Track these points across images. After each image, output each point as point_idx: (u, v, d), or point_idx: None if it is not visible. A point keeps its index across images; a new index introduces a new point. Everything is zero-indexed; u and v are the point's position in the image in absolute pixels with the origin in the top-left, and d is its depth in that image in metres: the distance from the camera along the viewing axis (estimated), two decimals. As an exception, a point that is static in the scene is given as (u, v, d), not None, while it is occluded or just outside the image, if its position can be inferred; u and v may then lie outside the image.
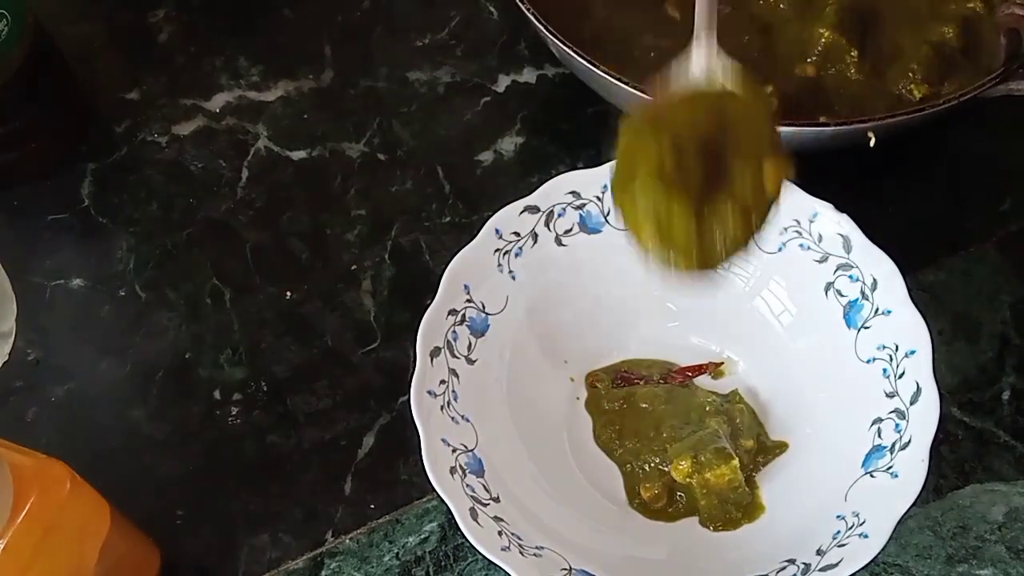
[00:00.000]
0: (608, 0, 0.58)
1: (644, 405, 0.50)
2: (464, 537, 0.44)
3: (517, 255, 0.50)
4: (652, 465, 0.49)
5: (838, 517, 0.45)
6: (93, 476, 0.41)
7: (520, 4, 0.52)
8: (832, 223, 0.49)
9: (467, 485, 0.46)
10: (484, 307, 0.50)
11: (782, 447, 0.49)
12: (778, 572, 0.44)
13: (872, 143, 0.50)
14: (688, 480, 0.47)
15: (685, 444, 0.47)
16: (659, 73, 0.41)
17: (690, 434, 0.48)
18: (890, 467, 0.45)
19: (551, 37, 0.52)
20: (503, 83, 0.61)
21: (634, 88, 0.50)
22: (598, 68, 0.50)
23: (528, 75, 0.61)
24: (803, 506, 0.47)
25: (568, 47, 0.51)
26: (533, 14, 0.52)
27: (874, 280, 0.48)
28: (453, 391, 0.48)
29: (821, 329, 0.50)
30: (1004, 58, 0.50)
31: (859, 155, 0.51)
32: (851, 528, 0.44)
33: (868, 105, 0.54)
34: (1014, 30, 0.49)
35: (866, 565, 0.43)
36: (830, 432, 0.48)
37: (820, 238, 0.49)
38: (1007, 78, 0.49)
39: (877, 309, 0.48)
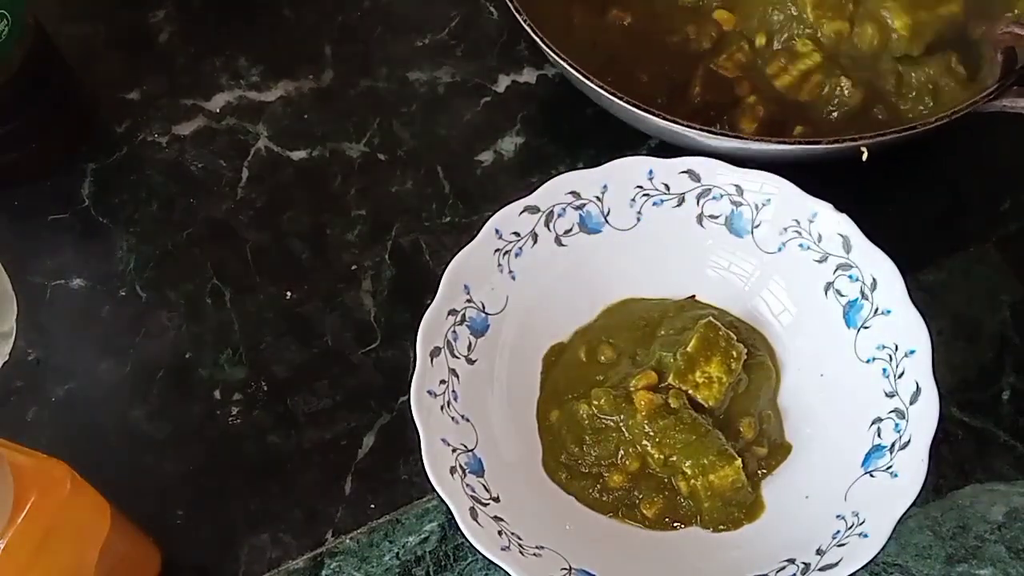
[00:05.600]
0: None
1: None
2: (464, 537, 0.44)
3: (517, 255, 0.50)
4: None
5: (838, 517, 0.45)
6: (93, 476, 0.41)
7: (517, 16, 0.52)
8: (832, 223, 0.49)
9: (467, 485, 0.46)
10: (484, 307, 0.50)
11: (786, 449, 0.49)
12: (778, 572, 0.44)
13: (864, 157, 0.50)
14: (692, 483, 0.47)
15: (686, 451, 0.47)
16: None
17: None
18: (890, 467, 0.45)
19: (543, 45, 0.52)
20: (503, 83, 0.61)
21: (613, 95, 0.50)
22: (583, 75, 0.51)
23: (528, 75, 0.61)
24: (803, 506, 0.47)
25: (556, 53, 0.51)
26: (526, 21, 0.52)
27: (874, 280, 0.48)
28: (453, 391, 0.48)
29: (821, 329, 0.50)
30: (999, 75, 0.50)
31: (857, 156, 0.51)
32: (851, 528, 0.44)
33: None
34: (1010, 48, 0.50)
35: (866, 565, 0.43)
36: (830, 432, 0.48)
37: (820, 238, 0.49)
38: (1001, 95, 0.50)
39: (877, 309, 0.48)
